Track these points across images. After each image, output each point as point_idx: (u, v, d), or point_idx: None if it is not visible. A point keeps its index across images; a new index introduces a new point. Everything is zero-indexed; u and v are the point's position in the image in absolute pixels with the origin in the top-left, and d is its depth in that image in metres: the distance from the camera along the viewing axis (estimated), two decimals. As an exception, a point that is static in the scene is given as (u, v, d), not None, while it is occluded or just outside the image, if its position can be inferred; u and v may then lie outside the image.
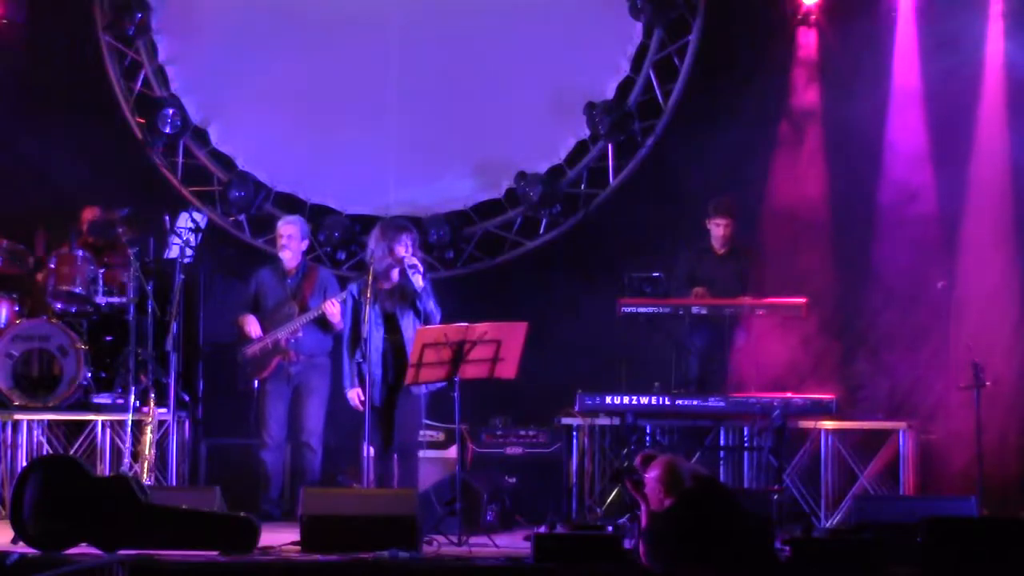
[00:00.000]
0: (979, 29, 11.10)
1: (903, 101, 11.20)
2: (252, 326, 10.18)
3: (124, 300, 10.59)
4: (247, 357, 10.21)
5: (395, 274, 9.56)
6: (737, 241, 10.73)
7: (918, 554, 7.93)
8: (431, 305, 9.53)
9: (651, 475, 7.18)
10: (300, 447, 10.28)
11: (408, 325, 9.52)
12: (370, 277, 9.37)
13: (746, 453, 10.32)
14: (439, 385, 9.34)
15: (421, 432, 9.95)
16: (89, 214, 11.03)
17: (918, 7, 11.24)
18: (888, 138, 11.20)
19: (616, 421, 10.12)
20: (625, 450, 10.07)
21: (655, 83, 11.64)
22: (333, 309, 9.95)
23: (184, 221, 10.81)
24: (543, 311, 10.73)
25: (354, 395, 9.52)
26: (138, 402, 10.23)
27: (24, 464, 9.97)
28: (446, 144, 11.76)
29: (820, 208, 11.21)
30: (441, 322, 9.52)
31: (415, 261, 9.49)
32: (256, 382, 10.26)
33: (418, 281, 9.45)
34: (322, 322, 10.14)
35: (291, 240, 10.34)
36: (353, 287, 9.66)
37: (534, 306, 10.81)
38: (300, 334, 10.12)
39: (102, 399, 10.59)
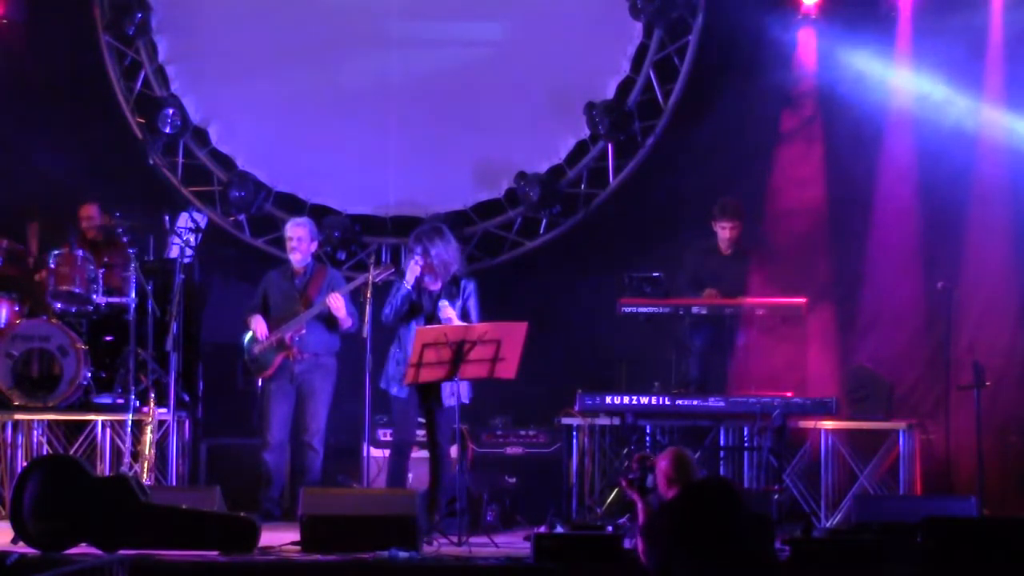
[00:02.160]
0: (979, 24, 11.11)
1: (902, 100, 11.20)
2: (259, 325, 10.14)
3: (124, 300, 10.59)
4: (253, 355, 10.18)
5: (441, 279, 9.51)
6: (744, 242, 10.70)
7: (918, 554, 7.93)
8: (473, 317, 9.42)
9: (660, 464, 7.17)
10: (302, 447, 10.24)
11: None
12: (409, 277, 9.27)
13: (746, 453, 10.31)
14: (468, 398, 9.32)
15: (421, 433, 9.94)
16: (86, 211, 11.04)
17: (918, 5, 11.24)
18: (888, 137, 11.20)
19: (616, 421, 10.11)
20: (625, 450, 10.07)
21: (655, 83, 11.65)
22: (337, 303, 9.91)
23: (184, 221, 10.81)
24: (543, 311, 10.73)
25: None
26: (138, 402, 10.23)
27: (24, 464, 9.97)
28: (446, 144, 11.76)
29: (820, 207, 11.22)
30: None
31: (450, 314, 9.33)
32: (260, 381, 10.23)
33: (453, 318, 9.32)
34: (328, 321, 10.11)
35: (300, 242, 10.29)
36: (402, 284, 9.51)
37: (534, 306, 10.80)
38: (304, 331, 10.07)
39: (102, 399, 10.59)
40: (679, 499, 7.00)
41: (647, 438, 10.26)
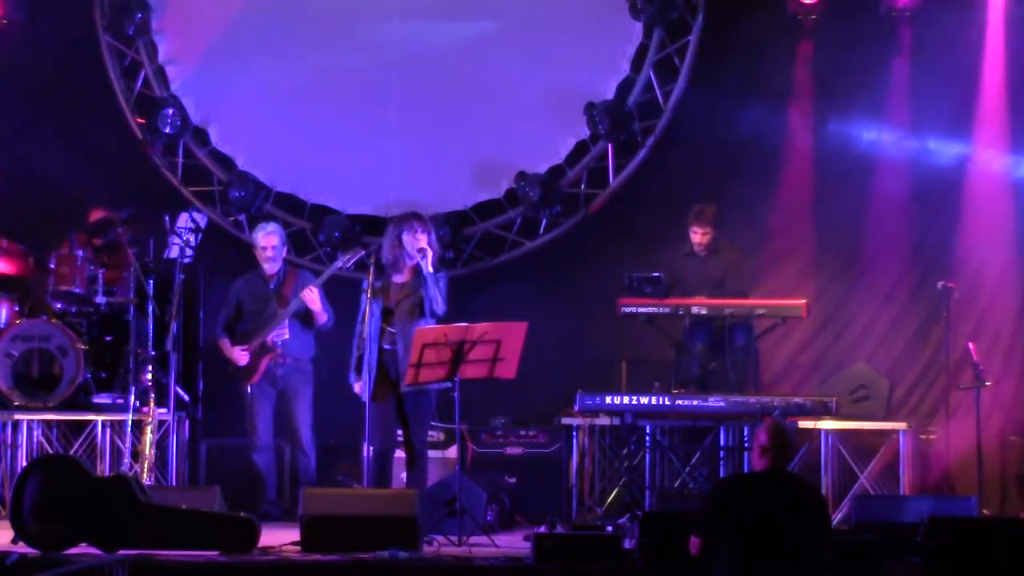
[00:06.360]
0: (979, 27, 11.11)
1: (901, 100, 11.20)
2: (235, 355, 10.15)
3: (124, 300, 10.59)
4: (242, 367, 10.18)
5: (407, 270, 9.51)
6: (717, 243, 10.68)
7: (918, 554, 7.94)
8: (437, 295, 9.29)
9: (759, 435, 7.13)
10: (293, 453, 10.32)
11: (405, 323, 9.37)
12: (371, 276, 9.30)
13: (746, 453, 10.30)
14: (445, 384, 9.27)
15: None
16: (95, 215, 11.01)
17: (917, 6, 11.23)
18: (887, 136, 11.20)
19: (616, 421, 10.12)
20: (625, 450, 10.07)
21: (655, 83, 11.64)
22: (312, 296, 9.93)
23: (184, 221, 10.80)
24: (543, 311, 10.72)
25: (358, 387, 9.39)
26: (138, 402, 10.23)
27: (24, 464, 9.97)
28: (446, 144, 11.76)
29: (819, 207, 11.23)
30: (443, 316, 9.41)
31: (424, 244, 9.36)
32: (249, 388, 10.22)
33: (427, 265, 9.34)
34: (305, 320, 10.11)
35: (276, 251, 10.29)
36: (364, 283, 9.56)
37: (534, 306, 10.80)
38: (287, 335, 10.09)
39: (102, 399, 10.59)
40: (765, 476, 6.98)
41: (647, 438, 10.27)
